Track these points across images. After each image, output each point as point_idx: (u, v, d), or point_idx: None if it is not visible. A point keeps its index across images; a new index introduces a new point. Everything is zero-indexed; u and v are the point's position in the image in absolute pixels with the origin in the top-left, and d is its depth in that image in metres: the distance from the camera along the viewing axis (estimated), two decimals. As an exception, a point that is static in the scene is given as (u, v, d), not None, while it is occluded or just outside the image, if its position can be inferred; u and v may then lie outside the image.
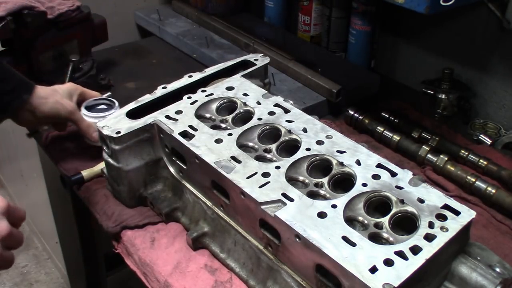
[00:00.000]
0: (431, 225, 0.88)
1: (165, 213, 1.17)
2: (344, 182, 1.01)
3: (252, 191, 0.96)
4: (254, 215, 0.97)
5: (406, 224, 0.92)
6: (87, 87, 1.62)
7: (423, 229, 0.88)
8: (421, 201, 0.93)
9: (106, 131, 1.12)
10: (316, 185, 1.01)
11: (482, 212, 1.24)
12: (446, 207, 0.92)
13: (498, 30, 1.49)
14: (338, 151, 1.04)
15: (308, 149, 1.05)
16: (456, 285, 0.92)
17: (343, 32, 1.80)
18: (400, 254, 0.83)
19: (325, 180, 1.01)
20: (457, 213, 0.90)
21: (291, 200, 0.94)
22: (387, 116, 1.52)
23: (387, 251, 0.84)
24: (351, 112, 1.53)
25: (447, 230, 0.87)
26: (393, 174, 0.99)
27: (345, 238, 0.86)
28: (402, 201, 0.93)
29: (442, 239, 0.86)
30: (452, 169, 1.31)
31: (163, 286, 1.07)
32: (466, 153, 1.36)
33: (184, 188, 1.16)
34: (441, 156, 1.33)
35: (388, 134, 1.44)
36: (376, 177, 0.98)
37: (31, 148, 2.02)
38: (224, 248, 1.09)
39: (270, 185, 0.97)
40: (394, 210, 0.93)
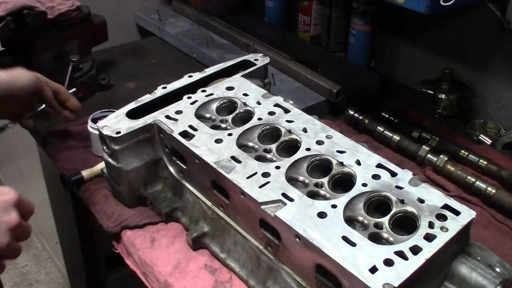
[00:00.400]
0: (431, 225, 0.88)
1: (165, 213, 1.17)
2: (344, 182, 1.00)
3: (252, 191, 0.96)
4: (254, 215, 0.97)
5: (406, 224, 0.92)
6: (87, 87, 1.63)
7: (423, 229, 0.88)
8: (421, 201, 0.93)
9: (106, 131, 1.12)
10: (316, 185, 1.01)
11: (482, 212, 1.24)
12: (446, 207, 0.92)
13: (498, 30, 1.48)
14: (338, 151, 1.04)
15: (308, 149, 1.05)
16: (456, 285, 0.92)
17: (343, 32, 1.80)
18: (400, 254, 0.83)
19: (325, 180, 1.01)
20: (457, 213, 0.90)
21: (291, 200, 0.94)
22: (387, 116, 1.52)
23: (387, 251, 0.84)
24: (351, 112, 1.52)
25: (447, 230, 0.87)
26: (393, 174, 0.99)
27: (345, 238, 0.86)
28: (402, 201, 0.93)
29: (442, 239, 0.86)
30: (452, 169, 1.31)
31: (163, 286, 1.07)
32: (466, 153, 1.36)
33: (184, 188, 1.16)
34: (441, 156, 1.33)
35: (388, 134, 1.44)
36: (376, 177, 0.98)
37: (31, 148, 2.01)
38: (224, 248, 1.09)
39: (270, 185, 0.97)
40: (394, 210, 0.93)
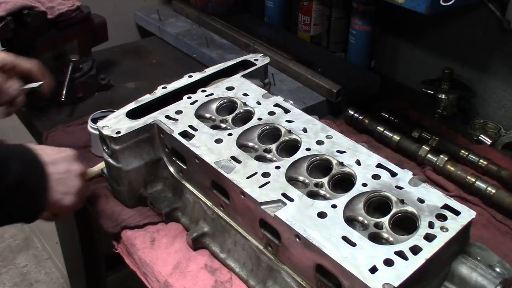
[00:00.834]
0: (431, 225, 0.88)
1: (165, 213, 1.17)
2: (344, 182, 1.00)
3: (252, 191, 0.96)
4: (254, 215, 0.97)
5: (406, 224, 0.92)
6: (87, 87, 1.63)
7: (423, 229, 0.88)
8: (421, 201, 0.93)
9: (106, 131, 1.12)
10: (316, 185, 1.01)
11: (482, 212, 1.24)
12: (446, 207, 0.92)
13: (498, 30, 1.48)
14: (338, 151, 1.04)
15: (308, 149, 1.05)
16: (456, 285, 0.92)
17: (343, 32, 1.80)
18: (400, 254, 0.83)
19: (325, 180, 1.01)
20: (457, 213, 0.90)
21: (291, 200, 0.94)
22: (387, 116, 1.52)
23: (387, 251, 0.84)
24: (351, 112, 1.52)
25: (447, 230, 0.87)
26: (393, 174, 0.99)
27: (345, 238, 0.86)
28: (402, 201, 0.93)
29: (442, 239, 0.86)
30: (452, 169, 1.31)
31: (163, 286, 1.07)
32: (466, 153, 1.36)
33: (184, 188, 1.16)
34: (441, 156, 1.33)
35: (388, 134, 1.44)
36: (376, 177, 0.98)
37: (31, 148, 2.01)
38: (224, 248, 1.09)
39: (270, 185, 0.97)
40: (394, 210, 0.93)
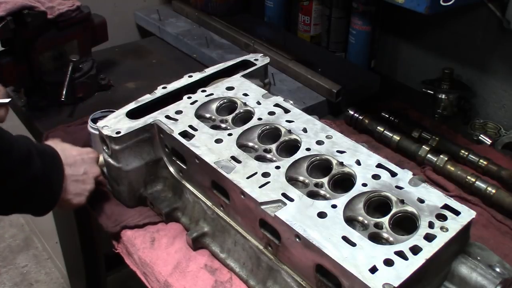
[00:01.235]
0: (431, 225, 0.88)
1: (165, 213, 1.17)
2: (344, 182, 1.00)
3: (252, 191, 0.96)
4: (254, 215, 0.97)
5: (406, 224, 0.92)
6: (87, 87, 1.63)
7: (423, 229, 0.88)
8: (421, 201, 0.93)
9: (106, 131, 1.12)
10: (316, 185, 1.01)
11: (482, 212, 1.24)
12: (446, 207, 0.92)
13: (498, 30, 1.48)
14: (338, 151, 1.04)
15: (308, 149, 1.05)
16: (456, 285, 0.92)
17: (343, 32, 1.80)
18: (400, 254, 0.83)
19: (325, 180, 1.01)
20: (457, 213, 0.90)
21: (291, 200, 0.94)
22: (387, 116, 1.52)
23: (387, 251, 0.84)
24: (351, 112, 1.52)
25: (447, 230, 0.87)
26: (393, 174, 0.99)
27: (345, 238, 0.86)
28: (402, 201, 0.93)
29: (442, 239, 0.86)
30: (452, 169, 1.31)
31: (163, 286, 1.07)
32: (466, 153, 1.36)
33: (184, 188, 1.16)
34: (441, 156, 1.33)
35: (388, 134, 1.44)
36: (376, 177, 0.98)
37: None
38: (224, 248, 1.09)
39: (270, 185, 0.97)
40: (394, 210, 0.93)
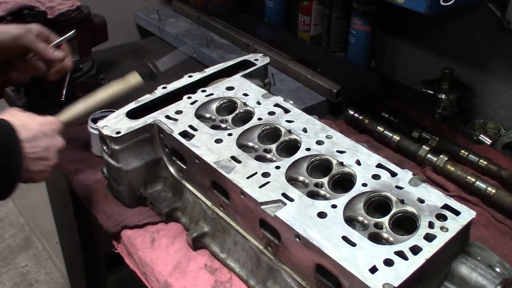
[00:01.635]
0: (431, 225, 0.88)
1: (165, 213, 1.17)
2: (344, 182, 1.00)
3: (252, 191, 0.96)
4: (254, 215, 0.97)
5: (406, 224, 0.92)
6: (87, 87, 1.62)
7: (423, 229, 0.88)
8: (421, 201, 0.93)
9: (106, 131, 1.12)
10: (316, 185, 1.01)
11: (482, 212, 1.24)
12: (446, 207, 0.92)
13: (498, 30, 1.48)
14: (338, 151, 1.04)
15: (308, 149, 1.05)
16: (456, 285, 0.92)
17: (343, 32, 1.80)
18: (400, 254, 0.83)
19: (325, 180, 1.01)
20: (457, 213, 0.90)
21: (291, 200, 0.94)
22: (387, 116, 1.52)
23: (387, 251, 0.84)
24: (351, 112, 1.52)
25: (447, 230, 0.87)
26: (393, 174, 0.99)
27: (345, 238, 0.86)
28: (402, 201, 0.93)
29: (442, 239, 0.86)
30: (452, 169, 1.31)
31: (163, 286, 1.07)
32: (466, 153, 1.36)
33: (184, 188, 1.16)
34: (441, 156, 1.33)
35: (388, 134, 1.44)
36: (376, 177, 0.98)
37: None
38: (224, 248, 1.09)
39: (270, 185, 0.97)
40: (394, 210, 0.93)
